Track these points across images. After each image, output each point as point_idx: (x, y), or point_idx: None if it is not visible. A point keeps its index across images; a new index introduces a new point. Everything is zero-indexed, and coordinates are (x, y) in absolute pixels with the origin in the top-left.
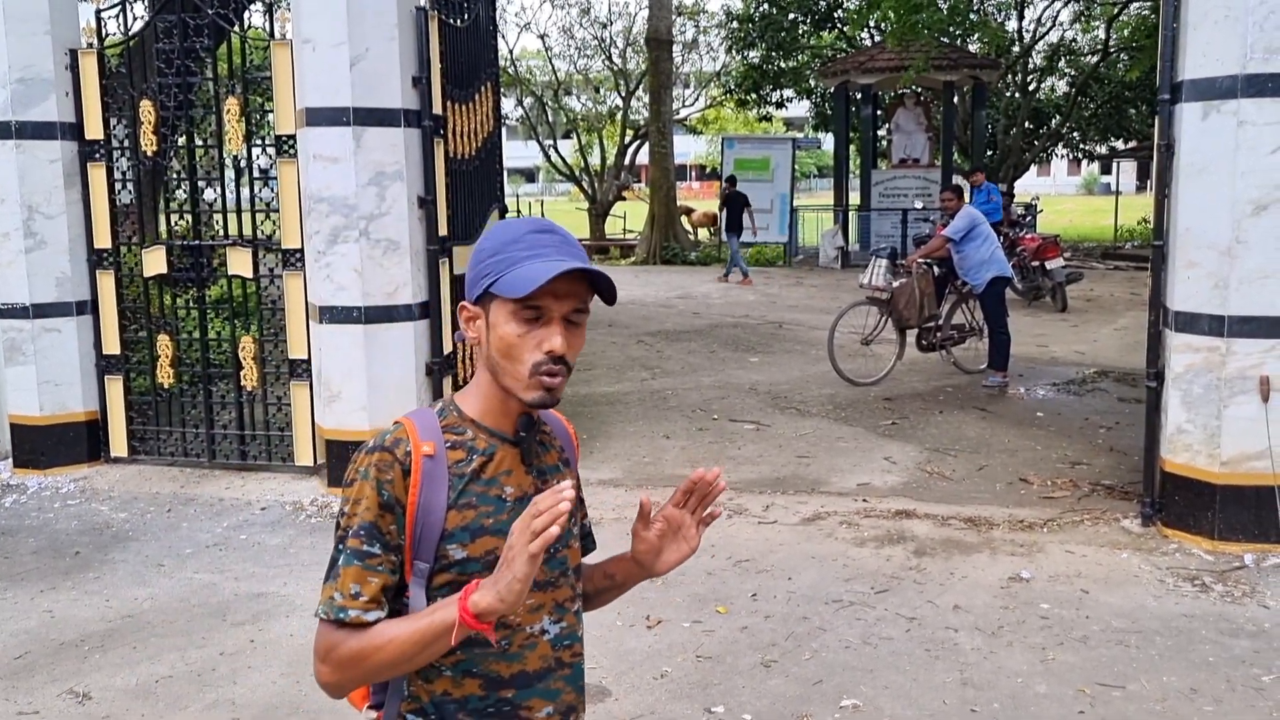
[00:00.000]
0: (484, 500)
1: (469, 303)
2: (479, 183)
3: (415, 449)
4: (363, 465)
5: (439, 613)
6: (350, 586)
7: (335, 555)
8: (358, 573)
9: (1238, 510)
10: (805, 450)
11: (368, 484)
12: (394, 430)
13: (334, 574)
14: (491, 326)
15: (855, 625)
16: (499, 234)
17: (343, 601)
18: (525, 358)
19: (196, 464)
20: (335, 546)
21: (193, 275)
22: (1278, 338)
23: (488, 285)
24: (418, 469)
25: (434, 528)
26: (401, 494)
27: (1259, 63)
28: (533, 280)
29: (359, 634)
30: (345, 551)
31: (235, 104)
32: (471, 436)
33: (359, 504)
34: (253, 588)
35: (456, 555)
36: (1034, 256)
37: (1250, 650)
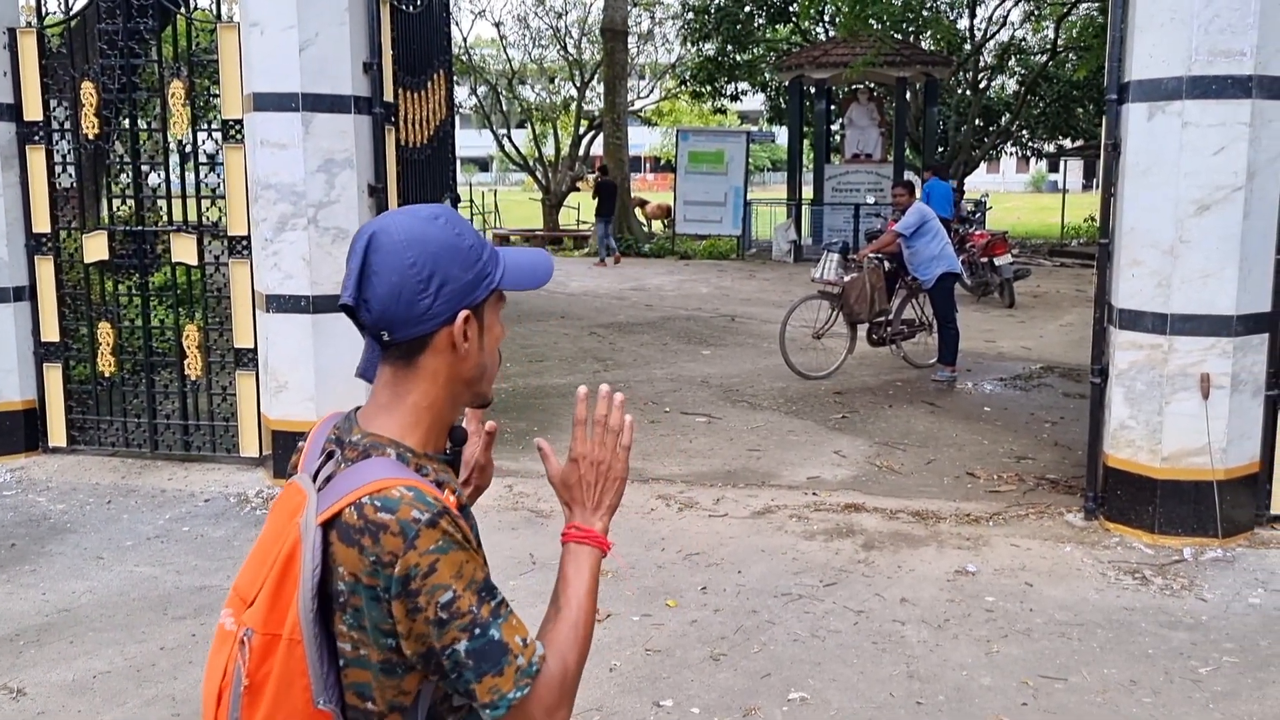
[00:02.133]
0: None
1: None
2: (431, 171)
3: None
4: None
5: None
6: (522, 639)
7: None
8: (516, 627)
9: (1177, 505)
10: (756, 443)
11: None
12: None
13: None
14: (487, 328)
15: (804, 618)
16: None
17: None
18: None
19: (138, 454)
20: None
21: (135, 261)
22: (1218, 336)
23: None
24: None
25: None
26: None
27: (1203, 65)
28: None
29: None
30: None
31: (181, 87)
32: (434, 476)
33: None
34: (195, 581)
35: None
36: (983, 253)
37: (1188, 642)
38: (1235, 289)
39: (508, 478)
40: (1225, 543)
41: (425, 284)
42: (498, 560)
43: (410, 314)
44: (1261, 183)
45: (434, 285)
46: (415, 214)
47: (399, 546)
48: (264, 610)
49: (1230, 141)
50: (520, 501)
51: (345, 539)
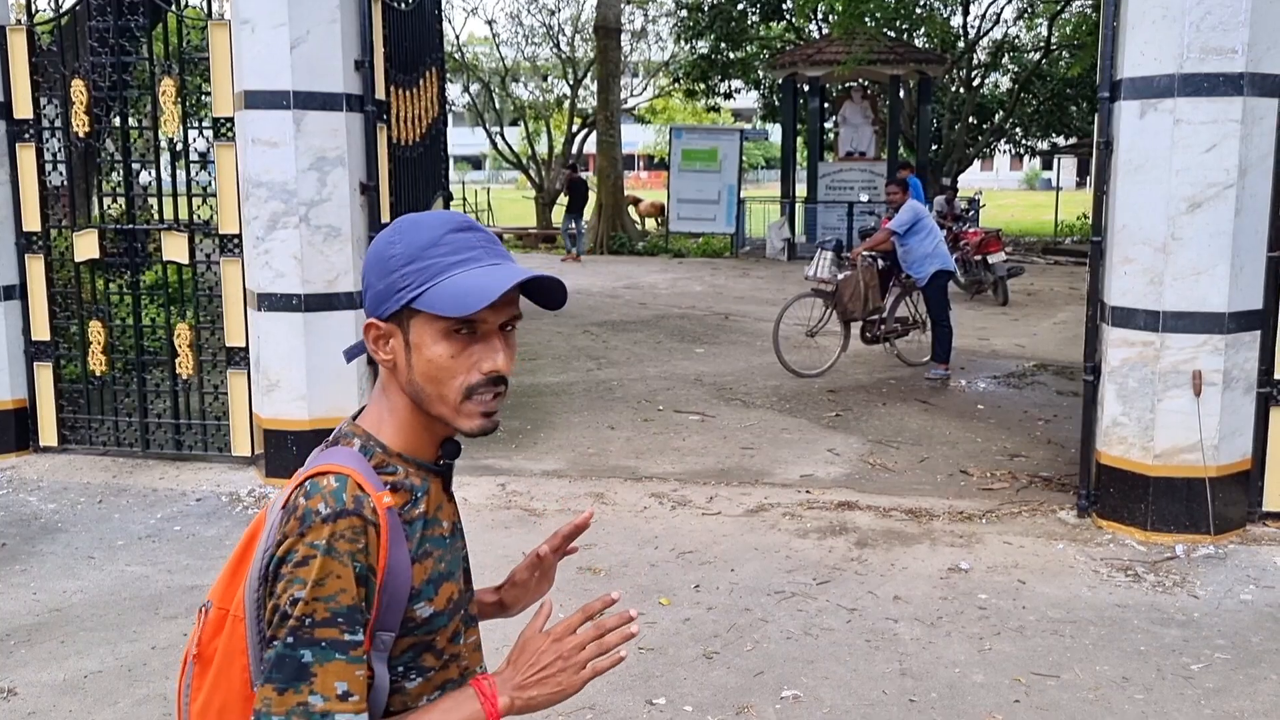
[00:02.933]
0: (435, 543)
1: (379, 319)
2: (423, 169)
3: (378, 504)
4: (321, 537)
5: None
6: (336, 686)
7: (292, 652)
8: (342, 669)
9: (1170, 502)
10: (750, 441)
11: (336, 561)
12: (341, 485)
13: (302, 675)
14: (414, 348)
15: (797, 616)
16: (410, 235)
17: (326, 706)
18: (458, 381)
19: (129, 454)
20: (287, 640)
21: (126, 260)
22: (1210, 333)
23: (409, 299)
24: (385, 527)
25: (402, 590)
26: (374, 561)
27: (1195, 62)
28: (481, 297)
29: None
30: (318, 646)
31: (171, 85)
32: (404, 474)
33: (327, 585)
34: (186, 580)
35: (424, 614)
36: (976, 251)
37: (1180, 639)
38: (1227, 286)
39: (500, 476)
40: (1217, 539)
41: (363, 285)
42: (489, 560)
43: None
44: (1253, 180)
45: (364, 288)
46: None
47: (293, 529)
48: (221, 586)
49: (1222, 139)
50: (513, 500)
51: (280, 520)
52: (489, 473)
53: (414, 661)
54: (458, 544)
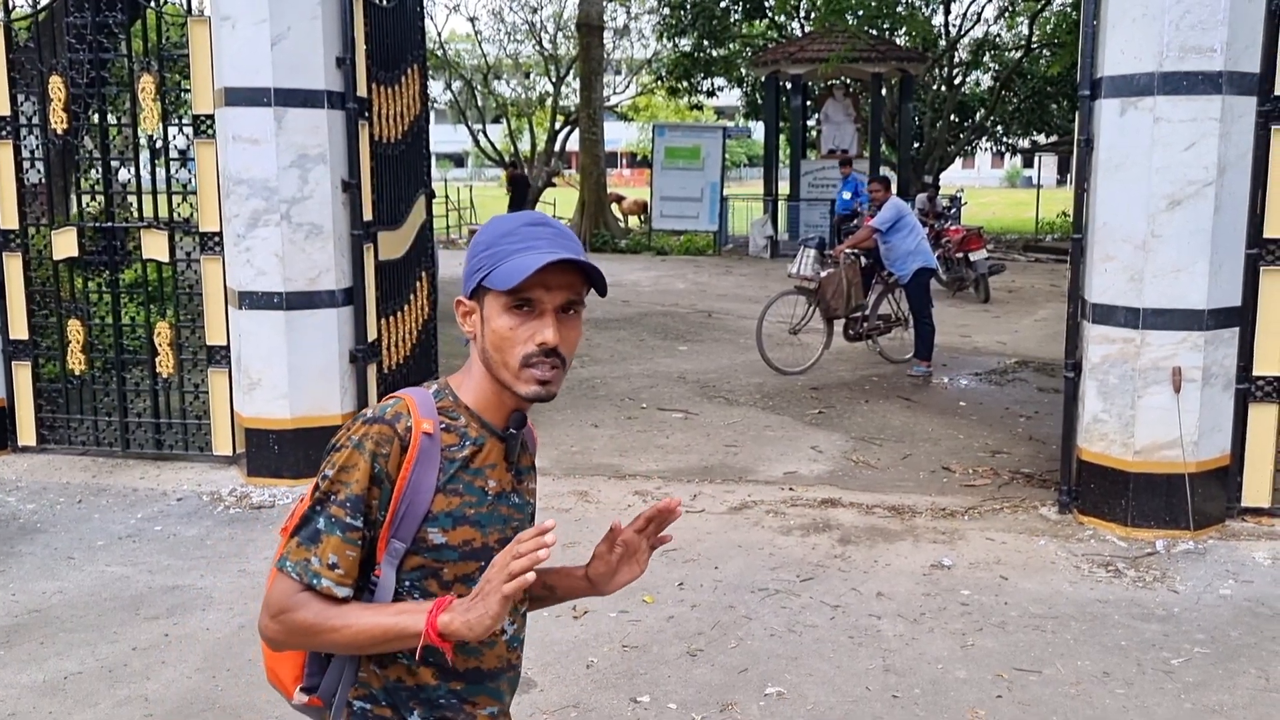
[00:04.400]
0: (470, 489)
1: (464, 297)
2: (405, 167)
3: (416, 425)
4: (357, 434)
5: (405, 616)
6: (329, 556)
7: (313, 516)
8: (338, 544)
9: (1150, 498)
10: (733, 439)
11: (361, 455)
12: (394, 404)
13: (314, 538)
14: (486, 320)
15: (780, 613)
16: (494, 228)
17: (319, 568)
18: (517, 350)
19: (109, 453)
20: (313, 506)
21: (105, 258)
22: (1190, 330)
23: (481, 279)
24: (415, 446)
25: (419, 508)
26: (394, 470)
27: (1174, 61)
28: (521, 271)
29: (322, 605)
30: (328, 518)
31: (151, 82)
32: (465, 423)
33: (349, 472)
34: (168, 580)
35: (436, 540)
36: (958, 248)
37: (1160, 634)
38: (1206, 283)
39: None
40: (1197, 535)
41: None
42: None
43: None
44: (1231, 178)
45: (464, 270)
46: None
47: (347, 425)
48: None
49: (1201, 137)
50: None
51: None
52: None
53: (419, 582)
54: (501, 508)
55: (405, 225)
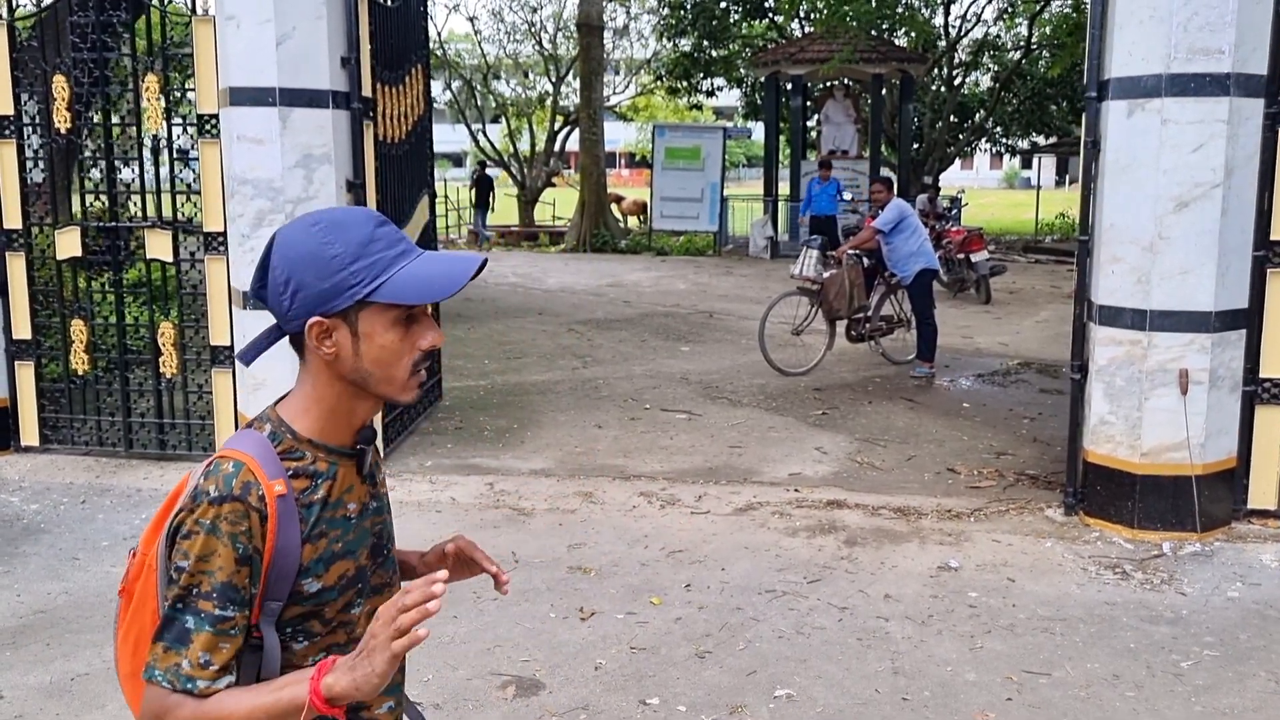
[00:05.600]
0: (333, 524)
1: (324, 316)
2: (409, 167)
3: (268, 491)
4: (208, 517)
5: (288, 689)
6: (200, 655)
7: (177, 616)
8: (209, 640)
9: (1156, 500)
10: (737, 440)
11: (219, 539)
12: (235, 471)
13: (182, 639)
14: (364, 337)
15: (788, 615)
16: (345, 234)
17: (190, 670)
18: (405, 361)
19: (112, 453)
20: (174, 605)
21: (109, 258)
22: (1197, 332)
23: (364, 294)
24: (274, 514)
25: (290, 567)
26: (259, 543)
27: (1182, 62)
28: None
29: (198, 702)
30: (194, 614)
31: (154, 81)
32: (311, 460)
33: (209, 560)
34: None
35: (311, 589)
36: (959, 249)
37: (1169, 637)
38: (1214, 285)
39: (488, 475)
40: (1203, 537)
41: (283, 287)
42: None
43: (278, 312)
44: (1239, 180)
45: (289, 289)
46: (301, 221)
47: (185, 506)
48: (146, 535)
49: (1209, 139)
50: (501, 499)
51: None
52: (476, 472)
53: (300, 626)
54: (365, 523)
55: (409, 226)
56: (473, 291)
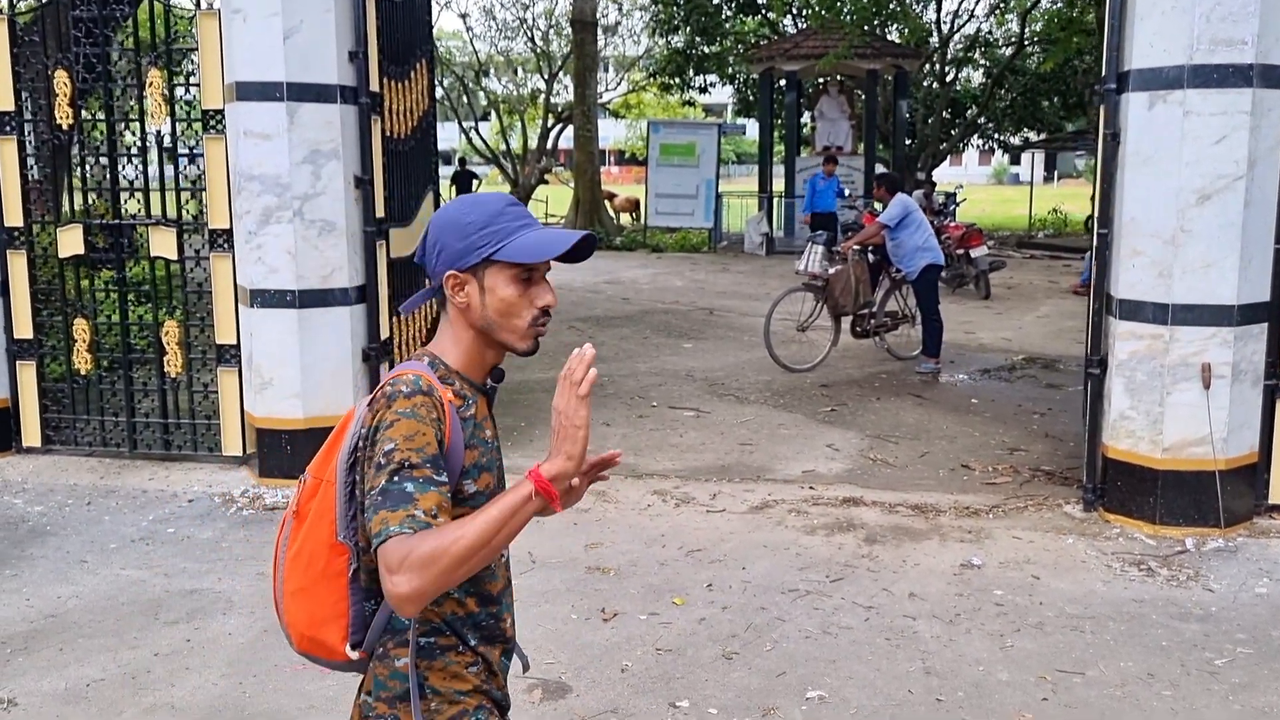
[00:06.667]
0: (480, 441)
1: (458, 271)
2: (415, 163)
3: (443, 395)
4: (406, 406)
5: (509, 493)
6: (431, 506)
7: (397, 485)
8: (437, 497)
9: (1178, 495)
10: (747, 437)
11: (421, 423)
12: (418, 378)
13: (408, 499)
14: (488, 290)
15: (813, 615)
16: (479, 207)
17: (425, 517)
18: (524, 314)
19: (116, 454)
20: (390, 480)
21: (112, 256)
22: (1219, 325)
23: (490, 253)
24: (449, 413)
25: (457, 464)
26: (443, 433)
27: (1205, 53)
28: (553, 248)
29: (434, 533)
30: (416, 480)
31: (158, 76)
32: (459, 386)
33: (417, 439)
34: (185, 584)
35: (470, 489)
36: (958, 244)
37: (1201, 634)
38: (1236, 278)
39: None
40: (1226, 533)
41: (432, 247)
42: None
43: (429, 269)
44: (1262, 172)
45: (436, 249)
46: (458, 201)
47: (382, 406)
48: (318, 461)
49: (1231, 130)
50: None
51: (369, 407)
52: None
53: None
54: (494, 451)
55: (415, 222)
56: None
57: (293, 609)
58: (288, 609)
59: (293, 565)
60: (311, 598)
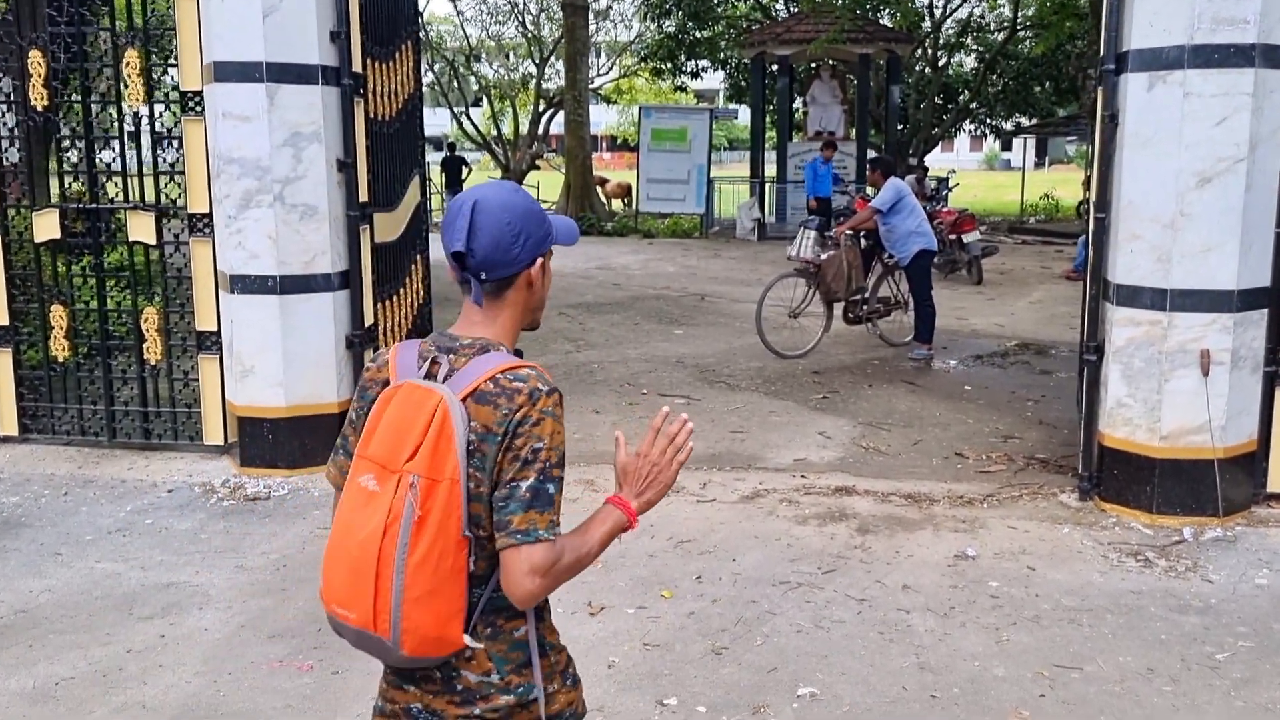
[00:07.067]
0: None
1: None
2: (400, 146)
3: None
4: (548, 405)
5: (610, 520)
6: (559, 512)
7: (544, 485)
8: (560, 500)
9: (1176, 484)
10: (738, 425)
11: (557, 421)
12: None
13: (550, 502)
14: (547, 271)
15: (805, 608)
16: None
17: (559, 522)
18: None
19: (95, 443)
20: (539, 479)
21: (89, 241)
22: (1219, 311)
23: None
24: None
25: None
26: None
27: (1206, 33)
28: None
29: (570, 543)
30: (554, 482)
31: (135, 56)
32: None
33: (554, 439)
34: (161, 577)
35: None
36: (951, 230)
37: (1200, 627)
38: (1236, 263)
39: None
40: (1224, 522)
41: (516, 237)
42: None
43: (504, 259)
44: (1263, 154)
45: (521, 239)
46: (503, 187)
47: (525, 402)
48: (428, 461)
49: (1232, 112)
50: None
51: (480, 402)
52: None
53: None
54: None
55: (400, 207)
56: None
57: (417, 614)
58: (409, 615)
59: (418, 570)
60: (440, 597)
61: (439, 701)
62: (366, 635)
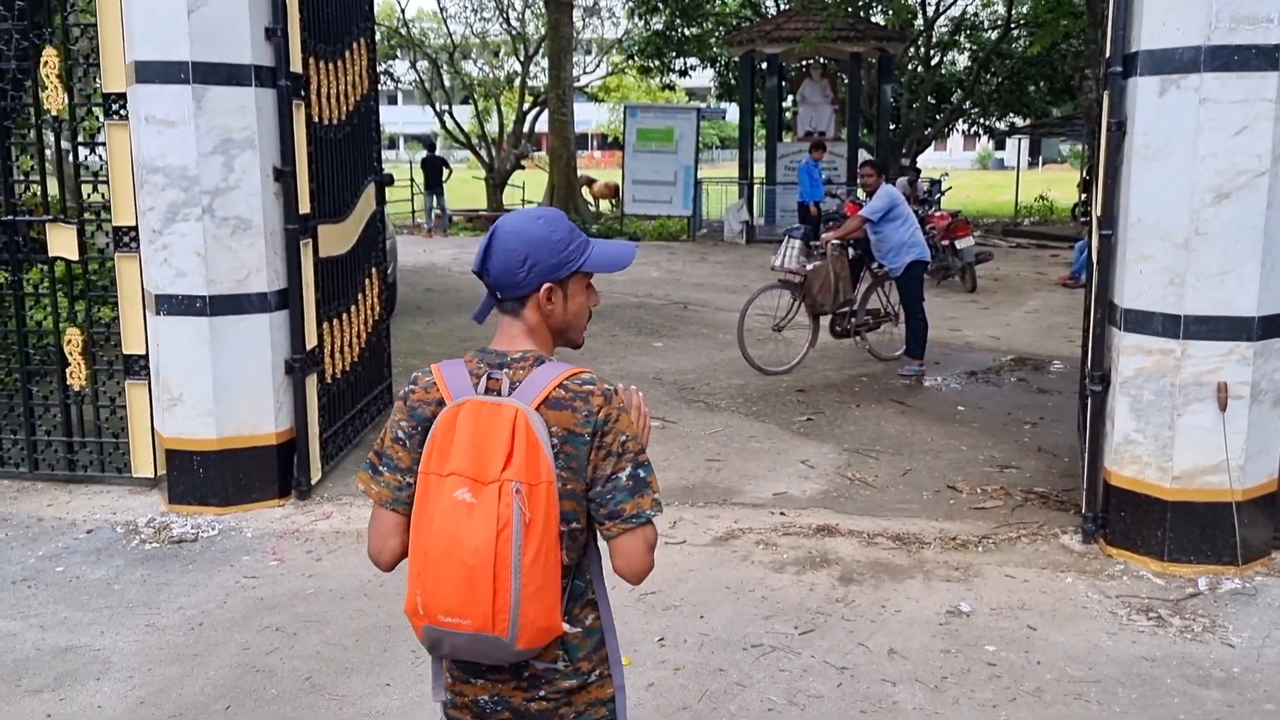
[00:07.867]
0: None
1: (553, 283)
2: (350, 152)
3: None
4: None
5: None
6: (656, 486)
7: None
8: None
9: (1189, 528)
10: (715, 452)
11: (628, 415)
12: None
13: (648, 485)
14: (570, 297)
15: (779, 679)
16: (557, 226)
17: (659, 496)
18: (587, 315)
19: (14, 475)
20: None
21: (6, 256)
22: (1238, 340)
23: (578, 266)
24: None
25: None
26: None
27: (1225, 33)
28: (627, 259)
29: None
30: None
31: (54, 56)
32: None
33: (633, 428)
34: (61, 639)
35: None
36: (943, 235)
37: (1223, 703)
38: (1257, 287)
39: None
40: (1243, 571)
41: (522, 263)
42: None
43: (511, 281)
44: None
45: (527, 265)
46: (526, 214)
47: (603, 403)
48: (524, 468)
49: (1253, 120)
50: None
51: (555, 407)
52: None
53: None
54: None
55: (351, 217)
56: (434, 281)
57: (531, 609)
58: (526, 611)
59: (532, 568)
60: (548, 590)
61: (506, 689)
62: (482, 638)
